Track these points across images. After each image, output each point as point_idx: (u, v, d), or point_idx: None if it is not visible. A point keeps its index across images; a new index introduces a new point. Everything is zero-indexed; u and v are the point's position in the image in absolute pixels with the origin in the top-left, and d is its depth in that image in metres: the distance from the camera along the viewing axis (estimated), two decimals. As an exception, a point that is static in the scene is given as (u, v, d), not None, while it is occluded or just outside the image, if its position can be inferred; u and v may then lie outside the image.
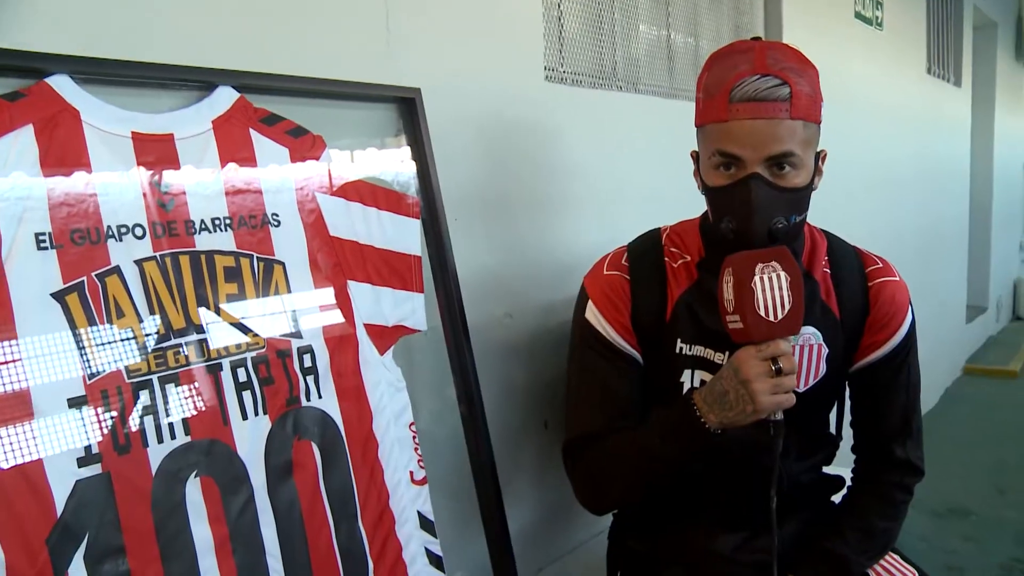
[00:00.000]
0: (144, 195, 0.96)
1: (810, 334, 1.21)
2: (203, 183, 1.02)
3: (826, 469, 1.36)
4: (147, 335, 0.95)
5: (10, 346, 0.84)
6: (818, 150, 1.15)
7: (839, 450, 1.35)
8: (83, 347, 0.89)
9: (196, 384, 0.98)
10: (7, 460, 0.83)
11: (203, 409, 0.98)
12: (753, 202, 1.07)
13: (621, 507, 1.36)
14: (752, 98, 1.05)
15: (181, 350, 0.97)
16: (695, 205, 1.25)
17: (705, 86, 1.12)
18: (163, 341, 0.96)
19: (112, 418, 0.90)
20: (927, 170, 4.26)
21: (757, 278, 1.03)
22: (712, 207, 1.17)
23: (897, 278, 1.26)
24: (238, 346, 1.03)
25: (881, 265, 1.26)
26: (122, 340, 0.93)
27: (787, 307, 1.03)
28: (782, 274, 1.03)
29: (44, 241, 0.88)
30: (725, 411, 1.07)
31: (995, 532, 2.94)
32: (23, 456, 0.84)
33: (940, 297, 4.60)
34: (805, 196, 1.13)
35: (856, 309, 1.24)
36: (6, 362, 0.84)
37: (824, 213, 1.60)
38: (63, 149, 0.90)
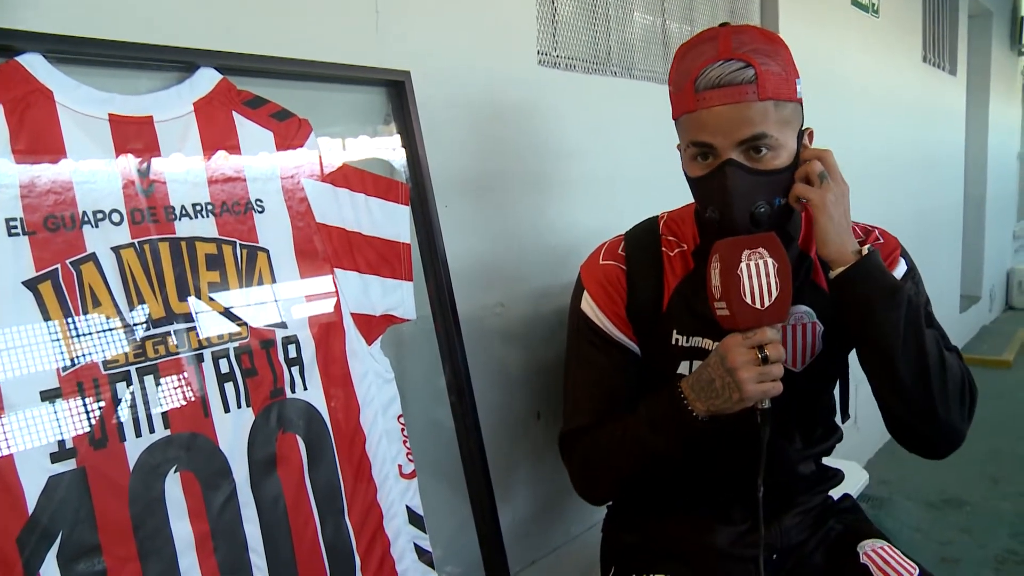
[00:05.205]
0: (122, 179, 0.93)
1: (803, 312, 1.19)
2: (184, 167, 0.98)
3: (826, 461, 1.34)
4: (125, 325, 0.91)
5: (-20, 337, 0.80)
6: (803, 128, 1.12)
7: (840, 443, 1.33)
8: (57, 338, 0.86)
9: (176, 376, 0.94)
10: (-23, 455, 0.79)
11: (183, 401, 0.95)
12: (730, 189, 1.05)
13: (619, 497, 1.34)
14: (717, 84, 1.04)
15: (161, 340, 0.94)
16: (689, 191, 1.22)
17: (674, 79, 1.11)
18: (142, 331, 0.92)
19: (87, 411, 0.87)
20: (921, 159, 4.23)
21: (743, 264, 1.02)
22: (696, 198, 1.16)
23: (881, 240, 1.22)
24: (220, 336, 0.99)
25: (863, 236, 1.22)
26: (98, 330, 0.89)
27: (774, 294, 1.02)
28: (769, 260, 1.02)
29: (16, 227, 0.84)
30: (712, 399, 1.06)
31: (990, 523, 2.93)
32: (-7, 451, 0.80)
33: (933, 287, 4.54)
34: (786, 178, 1.10)
35: None
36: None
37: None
38: (35, 131, 0.87)
